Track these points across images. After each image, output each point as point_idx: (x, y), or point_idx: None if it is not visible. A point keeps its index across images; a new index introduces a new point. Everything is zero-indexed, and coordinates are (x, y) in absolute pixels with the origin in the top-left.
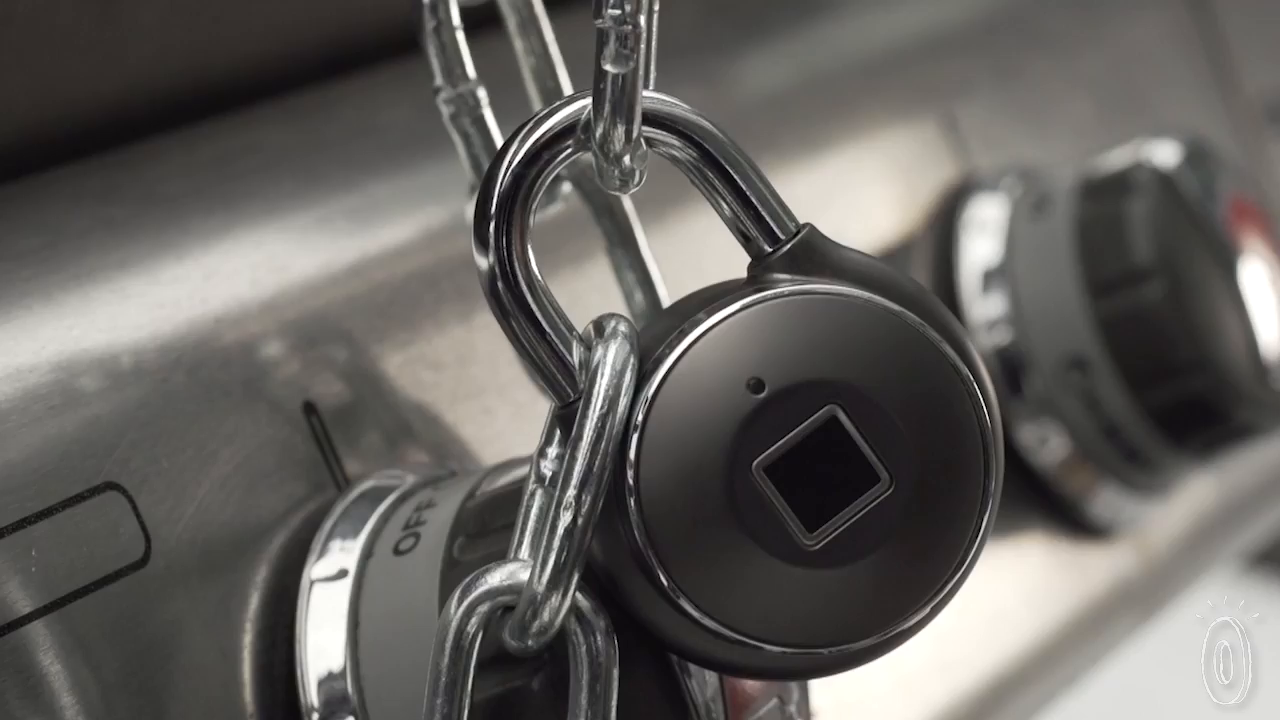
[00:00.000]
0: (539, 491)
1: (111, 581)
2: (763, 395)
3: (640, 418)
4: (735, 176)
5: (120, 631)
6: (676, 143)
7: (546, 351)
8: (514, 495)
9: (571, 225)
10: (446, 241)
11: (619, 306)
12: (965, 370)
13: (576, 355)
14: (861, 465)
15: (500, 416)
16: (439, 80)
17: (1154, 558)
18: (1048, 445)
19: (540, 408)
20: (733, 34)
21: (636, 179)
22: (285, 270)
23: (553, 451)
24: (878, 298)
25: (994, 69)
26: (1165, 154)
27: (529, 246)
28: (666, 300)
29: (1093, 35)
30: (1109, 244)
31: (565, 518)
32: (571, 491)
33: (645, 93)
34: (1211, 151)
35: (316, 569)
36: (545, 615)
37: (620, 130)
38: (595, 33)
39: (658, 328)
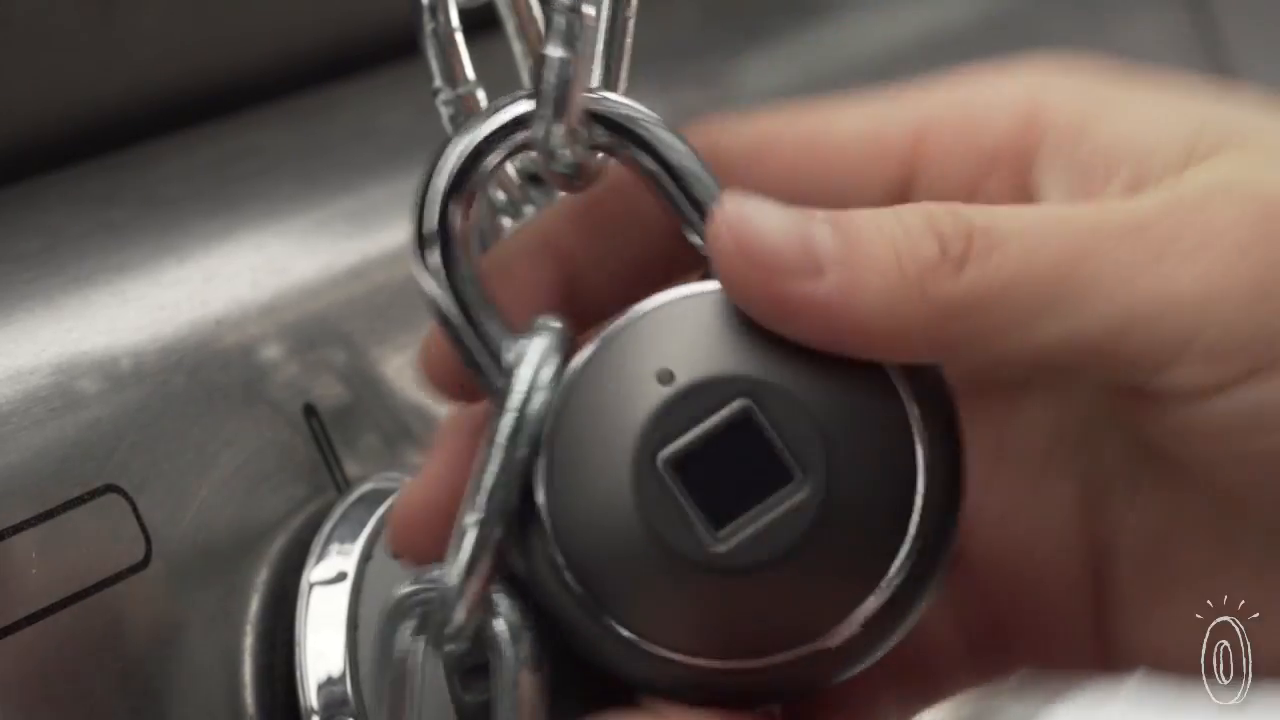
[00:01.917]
0: None
1: (112, 584)
2: (672, 387)
3: (553, 413)
4: (683, 185)
5: (121, 634)
6: (623, 145)
7: (477, 350)
8: None
9: None
10: None
11: None
12: (897, 371)
13: (509, 354)
14: (776, 465)
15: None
16: (438, 82)
17: None
18: None
19: None
20: (733, 37)
21: (582, 179)
22: (285, 273)
23: None
24: None
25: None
26: None
27: (467, 241)
28: None
29: (1093, 36)
30: None
31: (472, 515)
32: (483, 488)
33: (598, 93)
34: None
35: (315, 572)
36: (458, 615)
37: (560, 125)
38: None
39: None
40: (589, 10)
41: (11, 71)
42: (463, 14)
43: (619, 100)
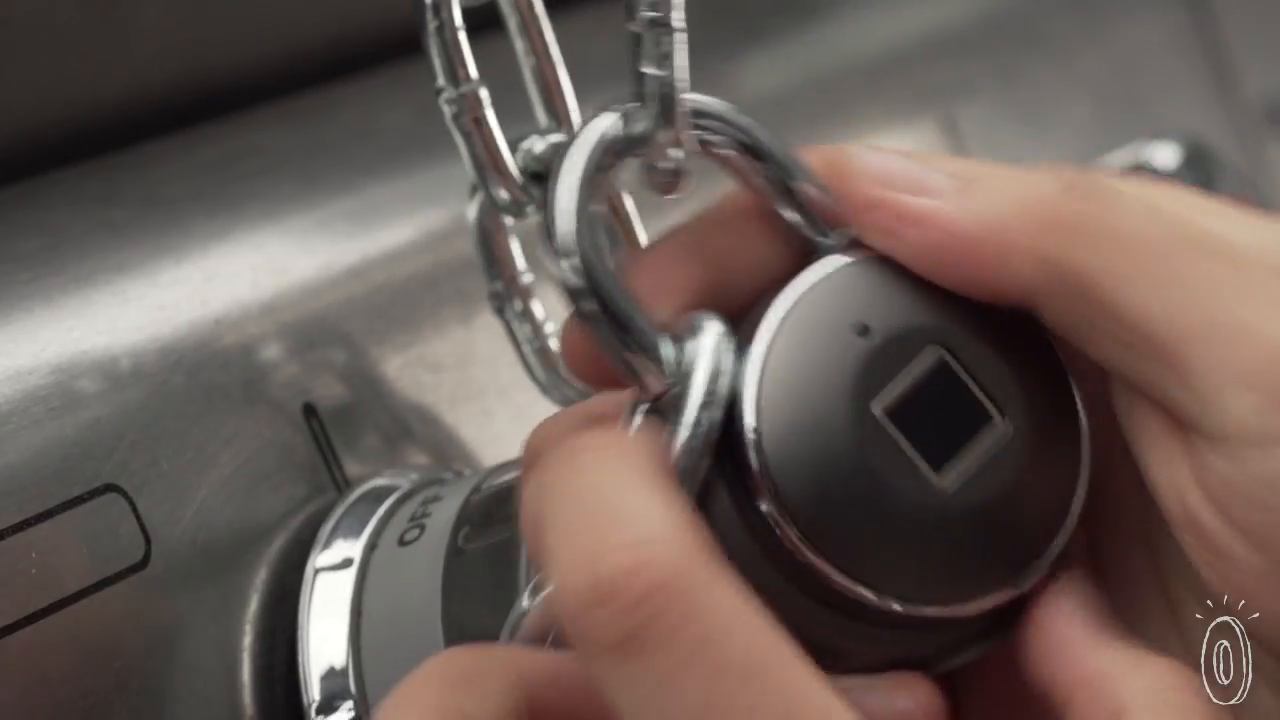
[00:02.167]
0: None
1: (112, 583)
2: (872, 340)
3: (755, 380)
4: (781, 172)
5: (120, 633)
6: (720, 140)
7: (634, 344)
8: (520, 487)
9: None
10: (446, 244)
11: None
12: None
13: (665, 351)
14: (974, 408)
15: (500, 418)
16: (441, 81)
17: None
18: None
19: (540, 410)
20: (733, 36)
21: (684, 182)
22: (285, 272)
23: None
24: None
25: (994, 70)
26: (1165, 156)
27: (603, 246)
28: None
29: (1092, 36)
30: None
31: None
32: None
33: (687, 95)
34: (1211, 153)
35: (321, 558)
36: None
37: (666, 133)
38: (629, 36)
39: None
40: (677, 22)
41: (11, 71)
42: (465, 12)
43: (715, 101)
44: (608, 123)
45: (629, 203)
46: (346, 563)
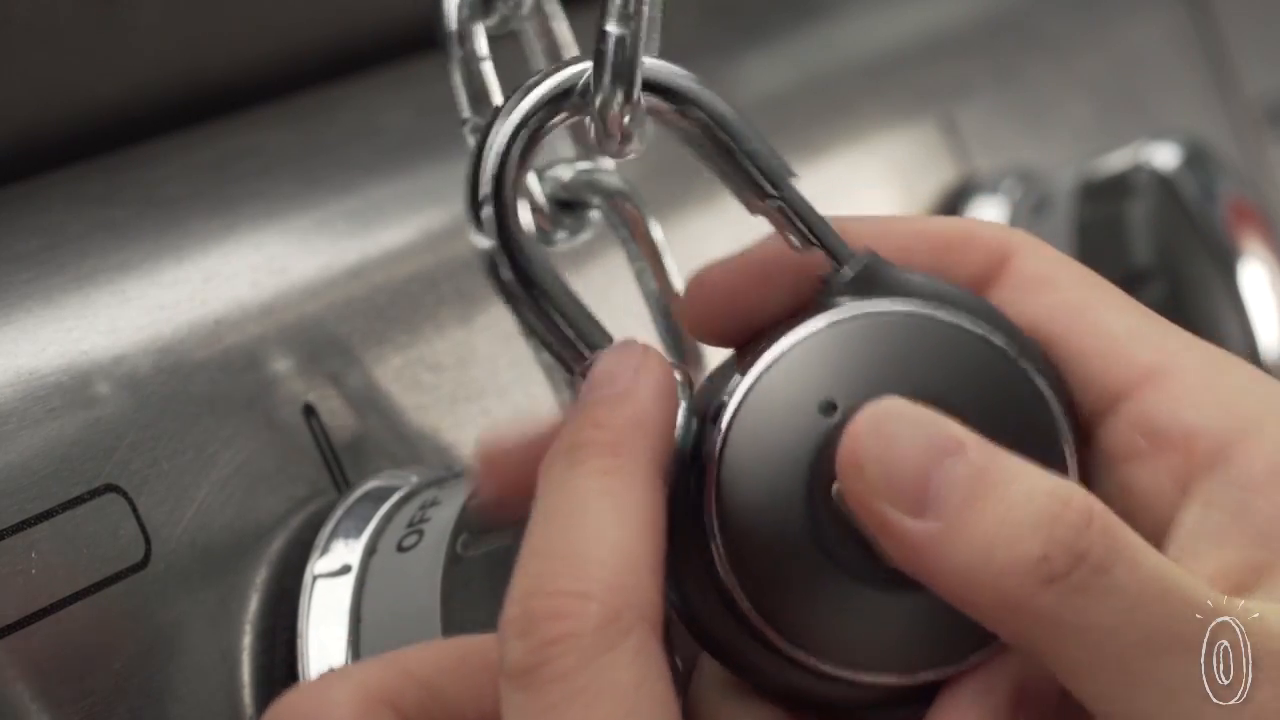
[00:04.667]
0: None
1: (111, 583)
2: (835, 419)
3: (717, 446)
4: (733, 145)
5: (120, 633)
6: (673, 109)
7: (560, 320)
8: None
9: (599, 249)
10: (446, 244)
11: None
12: (1046, 386)
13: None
14: None
15: (500, 418)
16: (466, 111)
17: None
18: None
19: (540, 411)
20: (732, 36)
21: (633, 145)
22: (285, 273)
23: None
24: (948, 313)
25: (993, 70)
26: (1165, 156)
27: (523, 212)
28: None
29: (1092, 37)
30: (1109, 246)
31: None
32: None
33: (646, 60)
34: (1211, 153)
35: (320, 564)
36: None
37: (619, 93)
38: None
39: (723, 367)
40: None
41: (11, 71)
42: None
43: (671, 68)
44: (561, 77)
45: (657, 232)
46: (345, 569)
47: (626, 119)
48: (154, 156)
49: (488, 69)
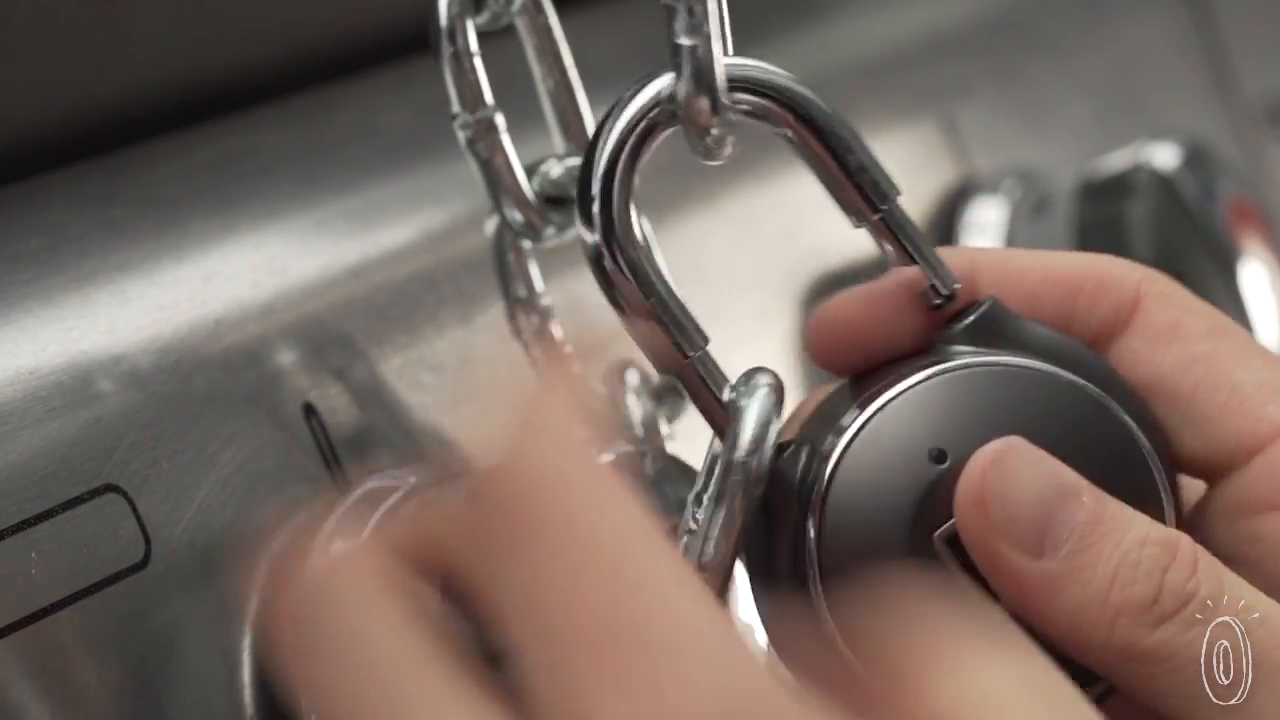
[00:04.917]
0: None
1: (111, 583)
2: (945, 466)
3: (824, 486)
4: (831, 139)
5: (120, 633)
6: (765, 105)
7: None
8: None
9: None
10: (446, 244)
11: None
12: (1150, 447)
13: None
14: None
15: (500, 418)
16: (456, 107)
17: None
18: None
19: None
20: (733, 36)
21: (727, 148)
22: (285, 272)
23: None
24: (1061, 370)
25: (993, 70)
26: (1165, 156)
27: (636, 223)
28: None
29: (1092, 37)
30: (1109, 246)
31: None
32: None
33: (727, 59)
34: (1211, 153)
35: None
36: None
37: (704, 101)
38: (663, 9)
39: (836, 399)
40: None
41: (11, 71)
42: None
43: (755, 64)
44: (654, 89)
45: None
46: None
47: (715, 126)
48: (154, 156)
49: (478, 65)
